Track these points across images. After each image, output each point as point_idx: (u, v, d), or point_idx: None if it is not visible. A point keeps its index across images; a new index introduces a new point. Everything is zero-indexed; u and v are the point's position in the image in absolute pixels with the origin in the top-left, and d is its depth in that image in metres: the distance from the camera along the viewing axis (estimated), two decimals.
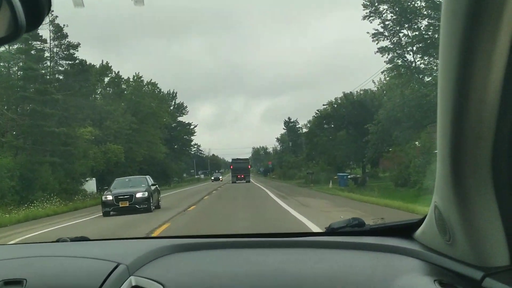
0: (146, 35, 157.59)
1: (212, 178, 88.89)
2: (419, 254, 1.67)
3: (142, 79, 57.61)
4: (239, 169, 66.92)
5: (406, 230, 1.91)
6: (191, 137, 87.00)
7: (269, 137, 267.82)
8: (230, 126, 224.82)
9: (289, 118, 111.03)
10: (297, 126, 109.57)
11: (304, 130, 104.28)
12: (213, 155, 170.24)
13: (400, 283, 1.47)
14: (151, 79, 58.86)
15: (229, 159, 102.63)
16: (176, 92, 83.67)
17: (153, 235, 11.83)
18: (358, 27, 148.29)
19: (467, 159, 1.17)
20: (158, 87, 59.13)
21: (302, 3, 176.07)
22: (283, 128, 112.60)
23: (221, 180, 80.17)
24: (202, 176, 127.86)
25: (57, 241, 2.33)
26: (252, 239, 2.18)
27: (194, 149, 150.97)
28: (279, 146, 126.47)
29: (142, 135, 55.59)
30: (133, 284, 1.63)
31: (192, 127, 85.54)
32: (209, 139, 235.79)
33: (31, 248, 2.32)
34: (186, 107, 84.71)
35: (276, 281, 1.62)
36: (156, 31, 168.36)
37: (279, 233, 2.32)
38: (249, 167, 70.50)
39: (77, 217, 21.33)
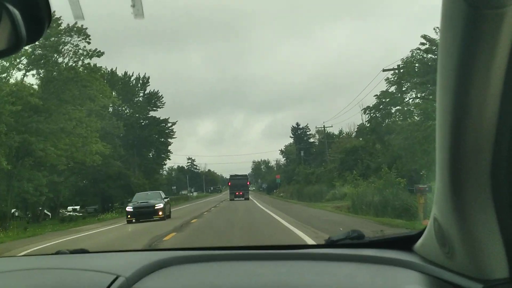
0: (143, 47, 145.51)
1: (130, 209, 25.54)
2: (418, 266, 1.64)
3: (60, 22, 30.72)
4: (238, 185, 60.40)
5: (405, 242, 1.86)
6: (169, 140, 59.66)
7: (270, 152, 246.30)
8: (229, 142, 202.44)
9: (297, 124, 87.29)
10: (308, 133, 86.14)
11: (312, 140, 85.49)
12: (209, 170, 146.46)
13: None
14: (81, 24, 31.45)
15: (227, 176, 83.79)
16: (149, 77, 56.98)
17: None
18: (362, 39, 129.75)
19: (466, 172, 1.16)
20: (88, 36, 31.90)
21: (306, 15, 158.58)
22: (290, 137, 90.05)
23: (160, 216, 24.43)
24: (195, 194, 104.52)
25: (57, 253, 2.27)
26: (252, 251, 2.14)
27: (188, 163, 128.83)
28: (283, 159, 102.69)
29: (56, 120, 28.93)
30: None
31: (169, 125, 58.36)
32: (208, 156, 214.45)
33: (30, 261, 2.33)
34: (161, 97, 57.57)
35: None
36: (154, 43, 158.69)
37: (278, 245, 2.30)
38: (248, 183, 65.78)
39: None
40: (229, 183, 63.39)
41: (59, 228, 26.11)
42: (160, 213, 24.60)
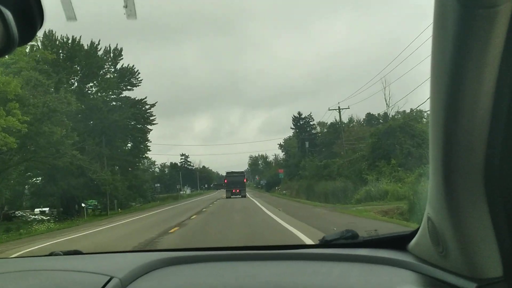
0: (137, 43, 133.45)
1: None
2: (412, 265, 1.63)
3: None
4: (234, 183, 58.09)
5: (399, 242, 1.85)
6: (148, 126, 47.77)
7: (268, 143, 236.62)
8: (226, 138, 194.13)
9: (299, 114, 76.26)
10: (311, 123, 75.33)
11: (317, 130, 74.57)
12: (204, 167, 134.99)
13: None
14: None
15: (223, 173, 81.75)
16: (121, 49, 45.03)
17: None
18: (359, 33, 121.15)
19: (459, 171, 1.16)
20: None
21: (302, 9, 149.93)
22: (291, 128, 79.26)
23: None
24: (188, 191, 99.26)
25: (50, 254, 2.24)
26: (246, 251, 2.11)
27: (182, 159, 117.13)
28: (281, 154, 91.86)
29: None
30: None
31: (148, 107, 46.49)
32: (204, 153, 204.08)
33: (24, 262, 2.27)
34: (137, 73, 45.67)
35: None
36: (148, 39, 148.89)
37: (272, 245, 2.23)
38: (245, 180, 62.47)
39: None
40: (226, 181, 61.76)
41: None
42: None
